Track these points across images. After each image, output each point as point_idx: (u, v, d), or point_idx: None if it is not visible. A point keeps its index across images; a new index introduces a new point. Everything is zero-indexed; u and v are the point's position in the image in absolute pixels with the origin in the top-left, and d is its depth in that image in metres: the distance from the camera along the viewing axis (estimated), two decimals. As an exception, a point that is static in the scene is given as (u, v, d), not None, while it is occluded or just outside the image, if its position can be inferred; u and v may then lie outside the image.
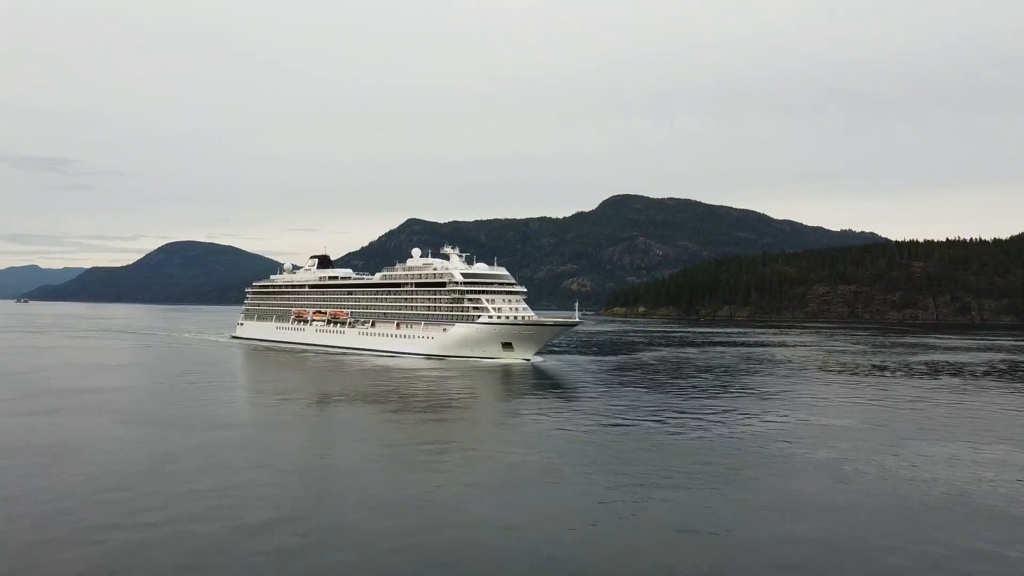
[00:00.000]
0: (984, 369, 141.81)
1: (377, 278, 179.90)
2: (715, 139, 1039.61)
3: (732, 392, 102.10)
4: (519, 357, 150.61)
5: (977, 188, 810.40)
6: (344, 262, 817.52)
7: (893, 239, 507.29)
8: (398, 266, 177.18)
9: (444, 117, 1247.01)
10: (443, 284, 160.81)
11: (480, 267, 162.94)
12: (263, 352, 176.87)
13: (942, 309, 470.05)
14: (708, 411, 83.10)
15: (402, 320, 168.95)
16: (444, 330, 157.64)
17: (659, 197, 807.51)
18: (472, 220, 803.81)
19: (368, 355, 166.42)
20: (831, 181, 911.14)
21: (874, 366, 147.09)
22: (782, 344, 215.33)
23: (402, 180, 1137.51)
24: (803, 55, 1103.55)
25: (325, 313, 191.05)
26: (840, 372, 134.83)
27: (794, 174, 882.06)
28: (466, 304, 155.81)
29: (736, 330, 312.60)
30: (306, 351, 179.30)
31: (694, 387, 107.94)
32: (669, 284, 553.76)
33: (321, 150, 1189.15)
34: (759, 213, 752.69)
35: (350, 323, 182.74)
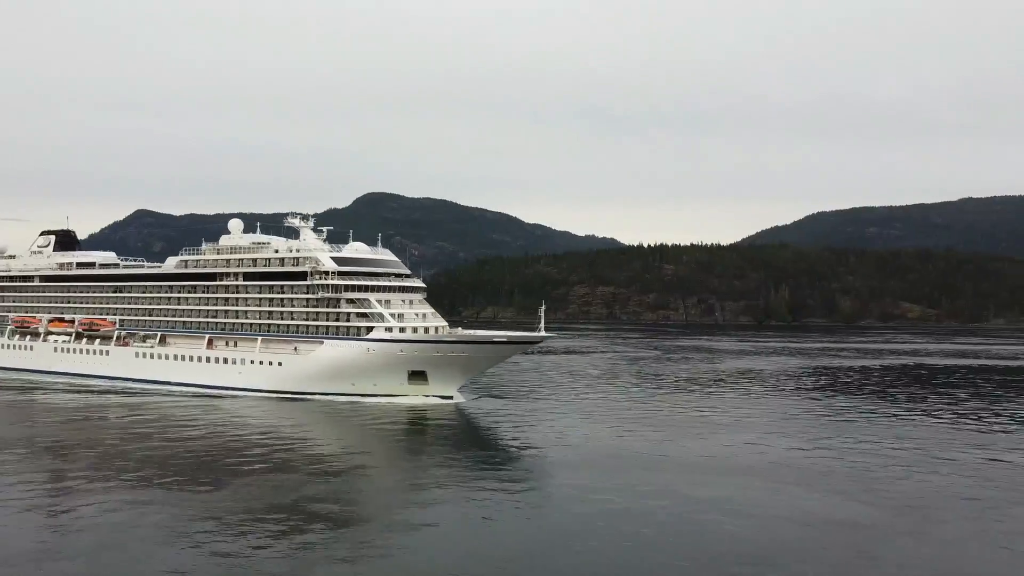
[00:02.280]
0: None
1: (171, 266, 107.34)
2: (469, 143, 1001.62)
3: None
4: (436, 394, 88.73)
5: (696, 200, 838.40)
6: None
7: (626, 243, 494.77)
8: (205, 247, 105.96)
9: (181, 104, 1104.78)
10: (301, 276, 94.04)
11: (357, 248, 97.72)
12: None
13: (691, 310, 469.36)
14: None
15: (219, 335, 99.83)
16: (300, 351, 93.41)
17: (416, 197, 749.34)
18: (213, 213, 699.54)
19: (154, 392, 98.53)
20: (574, 188, 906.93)
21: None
22: (569, 351, 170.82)
23: (130, 168, 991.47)
24: (549, 68, 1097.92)
25: (71, 322, 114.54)
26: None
27: (542, 180, 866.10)
28: (344, 308, 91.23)
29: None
30: (35, 385, 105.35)
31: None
32: (431, 285, 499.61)
33: (31, 130, 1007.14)
34: (512, 216, 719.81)
35: (119, 338, 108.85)
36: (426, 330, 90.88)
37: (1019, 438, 74.50)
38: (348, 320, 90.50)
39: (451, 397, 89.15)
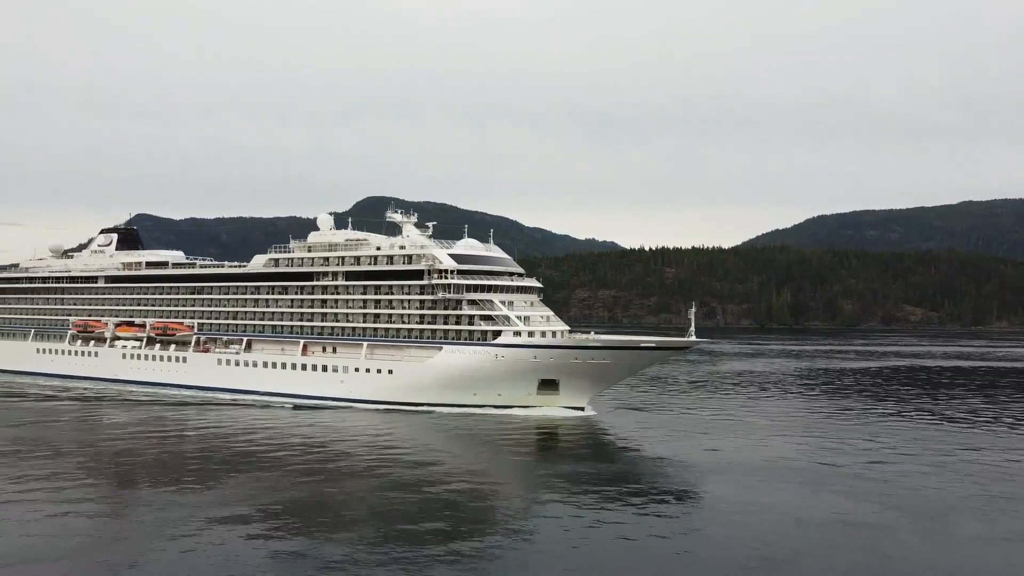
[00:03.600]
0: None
1: (258, 265, 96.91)
2: (467, 147, 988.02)
3: None
4: (567, 405, 78.74)
5: (697, 204, 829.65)
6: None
7: (627, 246, 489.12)
8: (294, 244, 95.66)
9: (180, 107, 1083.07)
10: (415, 275, 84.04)
11: (471, 245, 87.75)
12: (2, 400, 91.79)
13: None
14: None
15: (317, 340, 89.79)
16: (413, 357, 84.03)
17: (415, 200, 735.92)
18: (213, 217, 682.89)
19: (241, 403, 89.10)
20: (574, 193, 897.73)
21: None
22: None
23: (130, 172, 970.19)
24: (547, 73, 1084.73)
25: (142, 326, 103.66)
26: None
27: (541, 184, 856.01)
28: (465, 311, 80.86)
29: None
30: (103, 395, 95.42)
31: None
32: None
33: (32, 133, 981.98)
34: (511, 220, 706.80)
35: (198, 344, 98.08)
36: (553, 334, 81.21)
37: None
38: (471, 324, 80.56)
39: (582, 409, 79.62)
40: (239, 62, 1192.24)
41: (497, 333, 79.34)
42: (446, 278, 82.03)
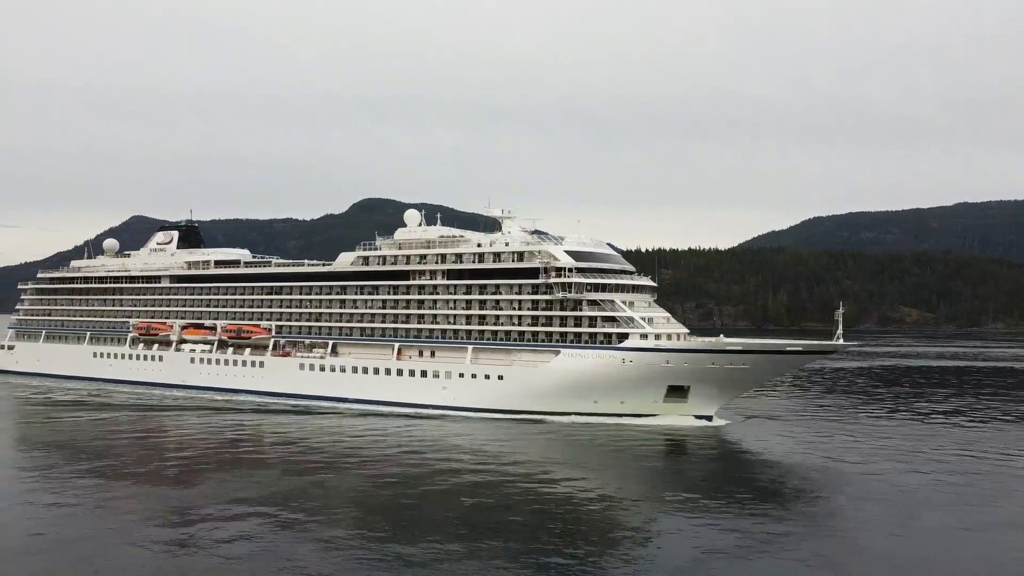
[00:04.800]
0: None
1: (345, 263, 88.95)
2: (464, 149, 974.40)
3: None
4: (695, 413, 71.41)
5: (692, 206, 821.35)
6: (53, 263, 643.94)
7: (623, 248, 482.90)
8: (381, 242, 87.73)
9: (176, 109, 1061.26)
10: (528, 273, 76.43)
11: (582, 242, 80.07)
12: (62, 406, 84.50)
13: (688, 314, 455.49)
14: None
15: (412, 343, 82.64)
16: (525, 361, 76.72)
17: (412, 202, 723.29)
18: (209, 219, 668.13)
19: (328, 411, 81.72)
20: (570, 194, 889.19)
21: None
22: None
23: (126, 174, 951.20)
24: (543, 75, 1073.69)
25: (212, 328, 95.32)
26: None
27: (538, 186, 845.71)
28: (586, 312, 73.23)
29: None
30: (170, 403, 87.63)
31: None
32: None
33: (29, 135, 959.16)
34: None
35: (277, 347, 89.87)
36: (678, 337, 73.98)
37: None
38: (592, 325, 73.10)
39: (711, 418, 72.43)
40: (235, 64, 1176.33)
41: (623, 336, 72.09)
42: (564, 276, 74.59)
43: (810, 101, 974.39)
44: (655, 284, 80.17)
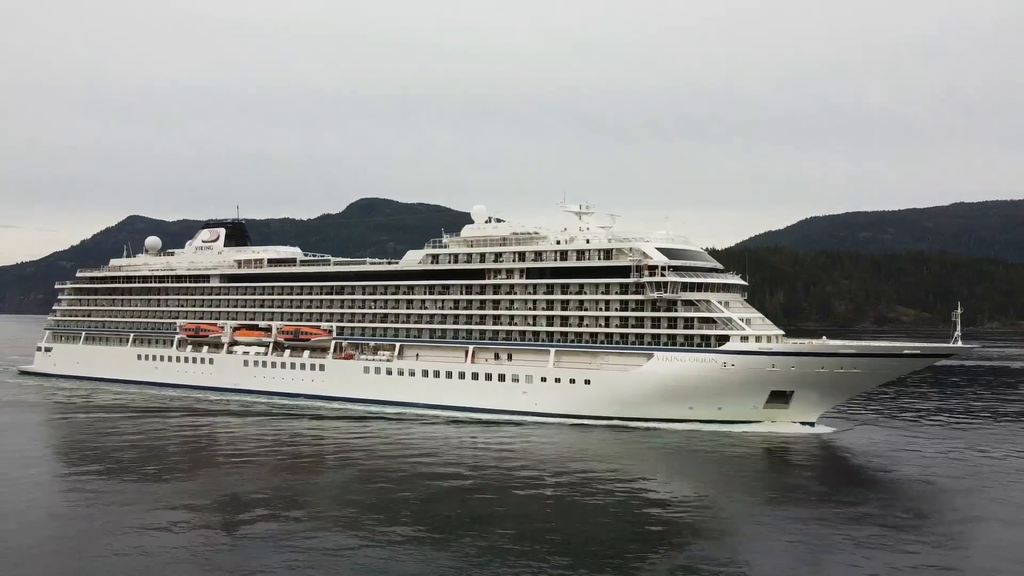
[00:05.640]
0: None
1: (412, 261, 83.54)
2: (461, 149, 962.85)
3: None
4: (797, 420, 66.39)
5: (688, 206, 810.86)
6: (49, 263, 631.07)
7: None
8: (448, 240, 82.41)
9: (172, 109, 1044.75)
10: (616, 271, 71.24)
11: (670, 238, 74.89)
12: (106, 415, 77.23)
13: None
14: None
15: (488, 345, 78.22)
16: (613, 365, 71.79)
17: (409, 202, 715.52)
18: (205, 219, 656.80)
19: (395, 416, 76.50)
20: (567, 195, 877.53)
21: None
22: None
23: (122, 175, 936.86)
24: (539, 75, 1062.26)
25: (267, 330, 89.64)
26: None
27: (534, 186, 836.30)
28: (681, 312, 68.09)
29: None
30: (221, 407, 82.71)
31: None
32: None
33: (25, 135, 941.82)
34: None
35: (340, 349, 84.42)
36: (775, 338, 69.16)
37: None
38: (689, 327, 68.06)
39: (813, 424, 67.59)
40: (231, 64, 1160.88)
41: (722, 338, 67.30)
42: (657, 275, 69.50)
43: (806, 101, 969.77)
44: (746, 283, 75.28)
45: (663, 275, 69.68)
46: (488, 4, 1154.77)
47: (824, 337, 72.36)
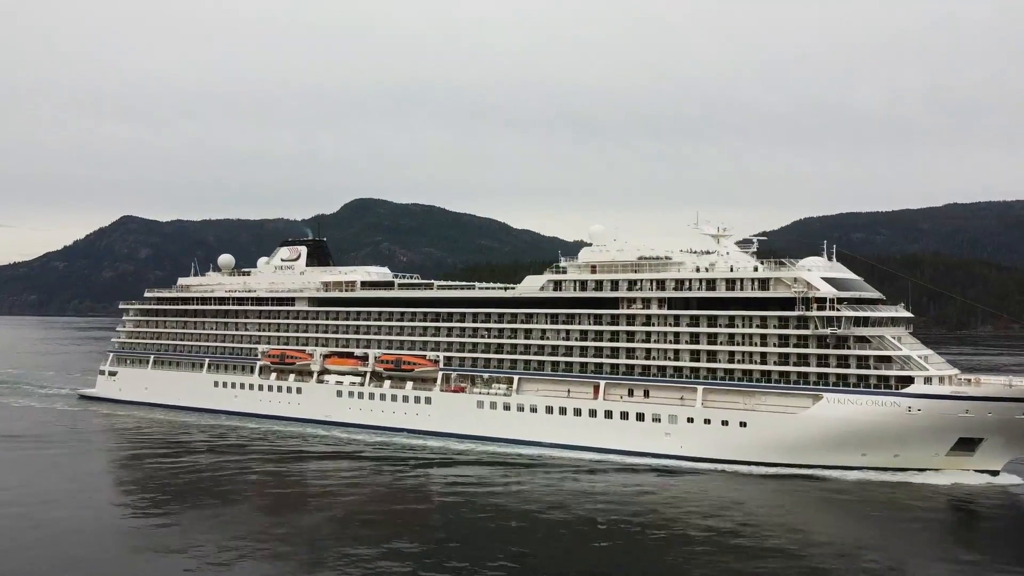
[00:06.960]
0: None
1: (533, 287, 75.04)
2: (455, 149, 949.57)
3: None
4: (979, 468, 58.64)
5: (683, 207, 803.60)
6: (42, 263, 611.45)
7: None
8: (567, 264, 73.98)
9: (165, 109, 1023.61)
10: (777, 303, 63.22)
11: (831, 267, 67.05)
12: (187, 455, 69.02)
13: None
14: None
15: (620, 381, 69.93)
16: (772, 405, 63.96)
17: (403, 202, 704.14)
18: (199, 220, 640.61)
19: (514, 458, 68.21)
20: (562, 195, 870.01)
21: None
22: None
23: (116, 174, 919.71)
24: (534, 76, 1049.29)
25: (363, 358, 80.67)
26: None
27: (530, 187, 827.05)
28: (854, 350, 60.14)
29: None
30: (307, 443, 74.04)
31: None
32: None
33: (17, 135, 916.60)
34: (500, 222, 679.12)
35: (448, 380, 75.72)
36: (955, 379, 61.64)
37: None
38: (863, 366, 60.38)
39: (997, 473, 60.03)
40: (225, 64, 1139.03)
41: (904, 379, 59.51)
42: (825, 308, 61.58)
43: (800, 103, 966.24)
44: (912, 315, 67.58)
45: (834, 308, 61.95)
46: (482, 4, 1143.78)
47: (1010, 378, 64.95)
